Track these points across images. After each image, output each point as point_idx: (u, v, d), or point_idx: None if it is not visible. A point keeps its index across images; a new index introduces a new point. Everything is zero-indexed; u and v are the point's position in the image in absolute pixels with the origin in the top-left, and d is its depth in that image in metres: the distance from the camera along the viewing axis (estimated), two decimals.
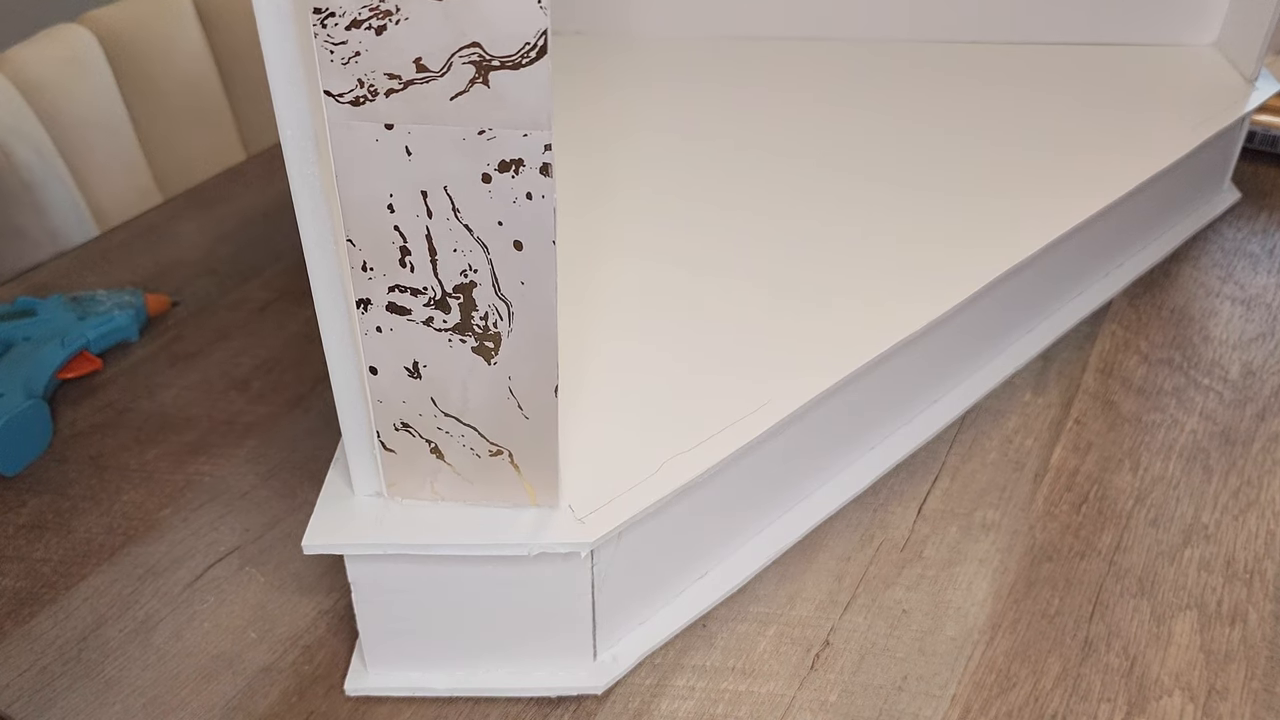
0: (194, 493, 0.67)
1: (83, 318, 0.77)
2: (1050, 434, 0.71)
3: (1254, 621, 0.59)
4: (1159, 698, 0.55)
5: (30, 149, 0.96)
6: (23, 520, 0.66)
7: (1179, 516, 0.65)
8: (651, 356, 0.60)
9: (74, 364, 0.75)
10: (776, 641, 0.58)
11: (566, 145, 0.82)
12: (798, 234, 0.70)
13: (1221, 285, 0.85)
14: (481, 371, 0.47)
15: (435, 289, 0.44)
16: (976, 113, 0.85)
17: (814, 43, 0.97)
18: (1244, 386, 0.75)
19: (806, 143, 0.81)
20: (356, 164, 0.41)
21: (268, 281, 0.86)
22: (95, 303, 0.79)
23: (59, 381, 0.75)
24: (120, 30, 1.06)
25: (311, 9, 0.38)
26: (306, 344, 0.79)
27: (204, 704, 0.55)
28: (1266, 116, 0.99)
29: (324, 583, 0.61)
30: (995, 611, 0.60)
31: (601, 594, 0.54)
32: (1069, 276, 0.79)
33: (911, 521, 0.65)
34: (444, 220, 0.43)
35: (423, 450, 0.50)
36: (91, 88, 1.03)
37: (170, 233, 0.93)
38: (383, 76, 0.39)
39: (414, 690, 0.55)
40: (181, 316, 0.82)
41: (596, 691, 0.55)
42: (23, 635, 0.59)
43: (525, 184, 0.41)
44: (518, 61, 0.39)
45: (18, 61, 0.98)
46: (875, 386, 0.65)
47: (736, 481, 0.58)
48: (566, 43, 0.99)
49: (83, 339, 0.75)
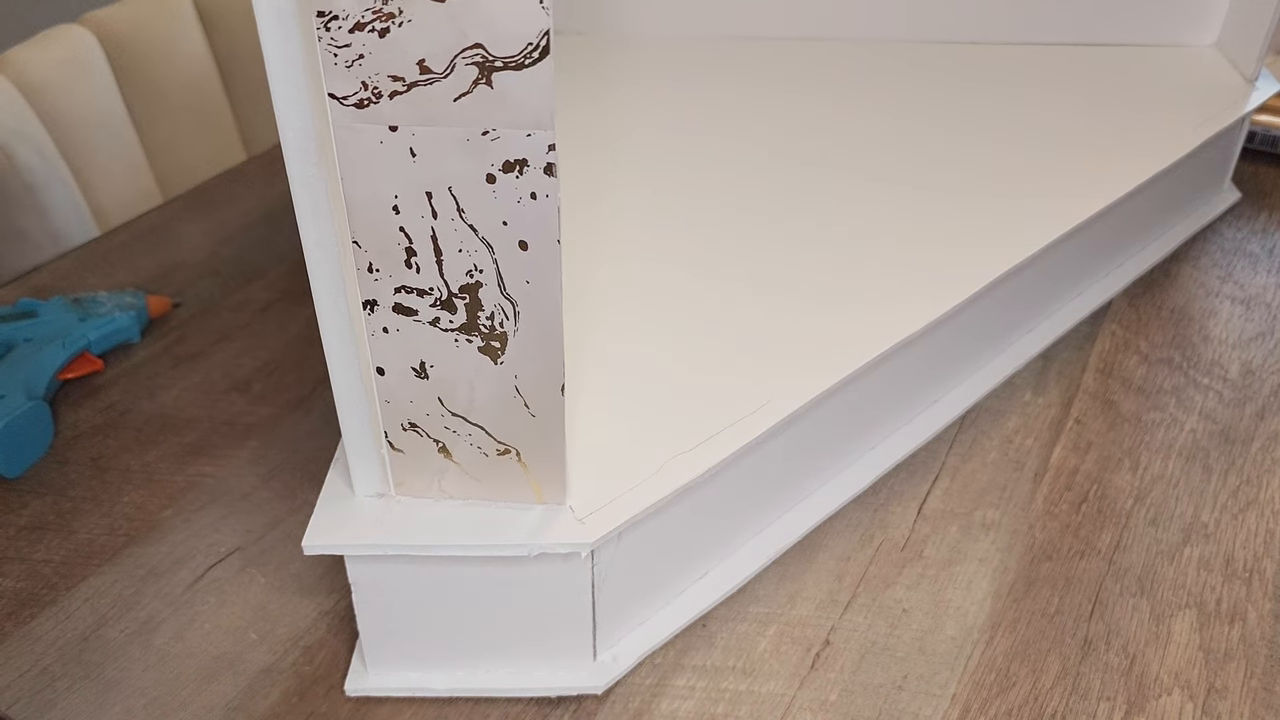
0: (195, 494, 0.67)
1: (84, 319, 0.77)
2: (1050, 434, 0.71)
3: (1253, 620, 0.59)
4: (1158, 696, 0.55)
5: (31, 150, 0.96)
6: (24, 521, 0.66)
7: (1178, 515, 0.65)
8: (651, 357, 0.60)
9: (75, 365, 0.75)
10: (777, 641, 0.58)
11: (568, 145, 0.82)
12: (798, 234, 0.70)
13: (1221, 285, 0.85)
14: (488, 371, 0.47)
15: (441, 289, 0.45)
16: (976, 113, 0.85)
17: (814, 43, 0.97)
18: (1243, 386, 0.75)
19: (806, 143, 0.81)
20: (361, 166, 0.41)
21: (269, 283, 0.86)
22: (96, 304, 0.79)
23: (60, 383, 0.75)
24: (121, 31, 1.06)
25: (315, 12, 0.38)
26: (308, 345, 0.79)
27: (205, 704, 0.55)
28: (1266, 116, 0.99)
29: (324, 583, 0.62)
30: (995, 611, 0.60)
31: (601, 594, 0.54)
32: (1069, 276, 0.79)
33: (911, 521, 0.65)
34: (449, 221, 0.43)
35: (430, 450, 0.50)
36: (92, 89, 1.03)
37: (171, 234, 0.93)
38: (386, 79, 0.40)
39: (414, 691, 0.55)
40: (183, 318, 0.83)
41: (596, 692, 0.55)
42: (24, 636, 0.59)
43: (529, 184, 0.42)
44: (520, 62, 0.39)
45: (19, 63, 0.98)
46: (875, 386, 0.65)
47: (736, 482, 0.58)
48: (568, 42, 0.99)
49: (84, 340, 0.75)
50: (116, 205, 1.06)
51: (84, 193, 1.03)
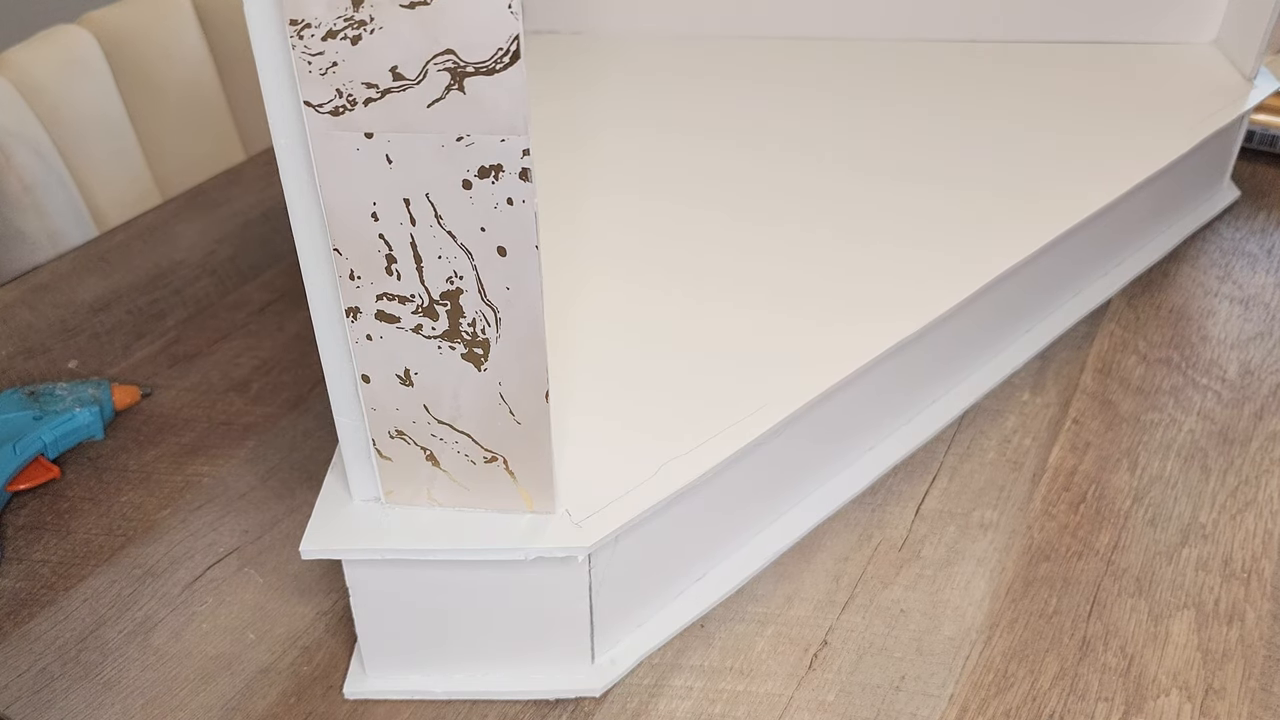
0: (193, 494, 0.67)
1: (39, 417, 0.68)
2: (1048, 434, 0.71)
3: (1251, 621, 0.59)
4: (1156, 697, 0.55)
5: (30, 150, 0.96)
6: (21, 521, 0.66)
7: (1177, 516, 0.65)
8: (648, 360, 0.60)
9: (28, 473, 0.67)
10: (774, 641, 0.58)
11: (553, 146, 0.82)
12: (794, 235, 0.70)
13: (1220, 285, 0.85)
14: (472, 378, 0.47)
15: (422, 296, 0.45)
16: (974, 112, 0.85)
17: (809, 42, 0.97)
18: (1242, 386, 0.75)
19: (803, 143, 0.81)
20: (339, 173, 0.42)
21: (267, 283, 0.86)
22: (54, 399, 0.70)
23: (9, 495, 0.67)
24: (120, 32, 1.06)
25: (288, 20, 0.38)
26: (305, 345, 0.79)
27: (202, 705, 0.55)
28: (1265, 115, 0.98)
29: (323, 584, 0.62)
30: (993, 611, 0.60)
31: (599, 597, 0.54)
32: (1067, 276, 0.79)
33: (910, 521, 0.65)
34: (427, 227, 0.43)
35: (418, 457, 0.50)
36: (91, 89, 1.03)
37: (169, 234, 0.93)
38: (360, 86, 0.40)
39: (413, 694, 0.55)
40: (181, 317, 0.83)
41: (594, 694, 0.55)
42: (22, 636, 0.59)
43: (505, 189, 0.42)
44: (491, 67, 0.39)
45: (17, 63, 0.98)
46: (873, 387, 0.65)
47: (734, 483, 0.58)
48: (569, 42, 0.99)
49: (39, 443, 0.67)
50: (115, 205, 1.06)
51: (82, 193, 1.03)
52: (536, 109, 0.88)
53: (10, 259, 0.97)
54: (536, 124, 0.85)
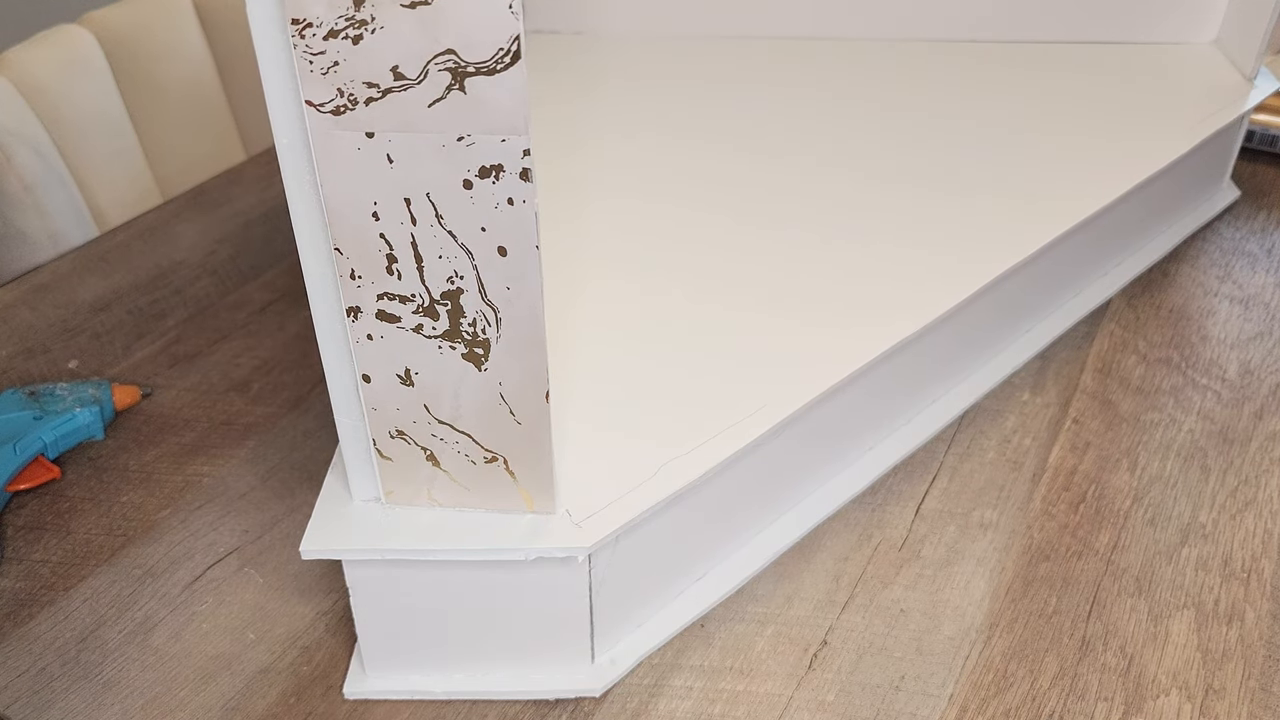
0: (193, 494, 0.67)
1: (39, 417, 0.69)
2: (1048, 434, 0.71)
3: (1251, 621, 0.59)
4: (1156, 697, 0.55)
5: (31, 150, 0.96)
6: (22, 522, 0.66)
7: (1176, 516, 0.65)
8: (648, 361, 0.60)
9: (28, 473, 0.67)
10: (774, 641, 0.58)
11: (555, 148, 0.82)
12: (794, 236, 0.70)
13: (1220, 284, 0.85)
14: (472, 378, 0.47)
15: (423, 296, 0.45)
16: (974, 112, 0.85)
17: (809, 42, 0.97)
18: (1242, 386, 0.75)
19: (802, 144, 0.81)
20: (340, 173, 0.42)
21: (267, 283, 0.86)
22: (55, 399, 0.70)
23: (9, 495, 0.67)
24: (121, 31, 1.06)
25: (289, 20, 0.38)
26: (306, 345, 0.79)
27: (202, 705, 0.55)
28: (1265, 115, 0.98)
29: (323, 584, 0.62)
30: (993, 611, 0.60)
31: (599, 597, 0.54)
32: (1067, 276, 0.79)
33: (909, 521, 0.65)
34: (428, 227, 0.43)
35: (419, 457, 0.50)
36: (92, 89, 1.03)
37: (170, 234, 0.93)
38: (362, 85, 0.40)
39: (413, 694, 0.55)
40: (181, 317, 0.83)
41: (594, 694, 0.55)
42: (21, 636, 0.59)
43: (506, 189, 0.42)
44: (492, 67, 0.39)
45: (18, 63, 0.98)
46: (873, 387, 0.65)
47: (734, 484, 0.58)
48: (570, 42, 0.99)
49: (39, 443, 0.67)
50: (115, 205, 1.06)
51: (83, 193, 1.03)
52: (537, 109, 0.88)
53: (11, 259, 0.97)
54: (537, 124, 0.85)
